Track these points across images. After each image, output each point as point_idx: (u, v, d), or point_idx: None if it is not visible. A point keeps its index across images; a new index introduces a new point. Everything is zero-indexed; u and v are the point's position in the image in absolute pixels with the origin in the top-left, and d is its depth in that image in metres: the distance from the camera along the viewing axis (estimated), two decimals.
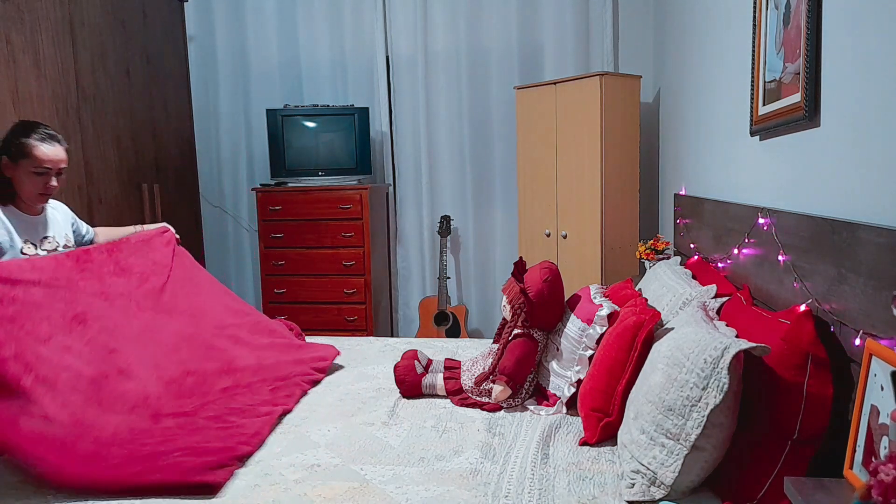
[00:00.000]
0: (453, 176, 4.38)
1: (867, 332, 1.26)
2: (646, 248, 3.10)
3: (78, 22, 2.88)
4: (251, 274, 4.61)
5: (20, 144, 2.09)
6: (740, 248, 2.08)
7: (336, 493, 1.56)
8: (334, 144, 4.12)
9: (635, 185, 3.65)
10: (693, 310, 1.85)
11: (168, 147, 3.62)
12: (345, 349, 2.87)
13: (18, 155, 2.09)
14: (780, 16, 1.86)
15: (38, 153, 2.10)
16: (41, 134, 2.13)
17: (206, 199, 4.42)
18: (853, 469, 1.17)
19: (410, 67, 4.31)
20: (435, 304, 4.24)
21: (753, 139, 2.13)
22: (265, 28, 4.40)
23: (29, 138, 2.10)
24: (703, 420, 1.42)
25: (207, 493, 1.57)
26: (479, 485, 1.59)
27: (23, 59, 2.56)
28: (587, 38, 4.13)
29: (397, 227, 4.49)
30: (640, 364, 1.80)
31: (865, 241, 1.29)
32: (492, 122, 4.29)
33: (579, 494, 1.53)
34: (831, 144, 1.56)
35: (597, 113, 3.46)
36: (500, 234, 4.40)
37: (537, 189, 3.87)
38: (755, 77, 2.06)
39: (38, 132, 2.13)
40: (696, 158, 2.94)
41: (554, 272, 2.24)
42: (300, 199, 4.02)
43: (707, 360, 1.45)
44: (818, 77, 1.61)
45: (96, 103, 3.00)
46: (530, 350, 2.17)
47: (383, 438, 1.89)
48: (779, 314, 1.60)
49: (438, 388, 2.24)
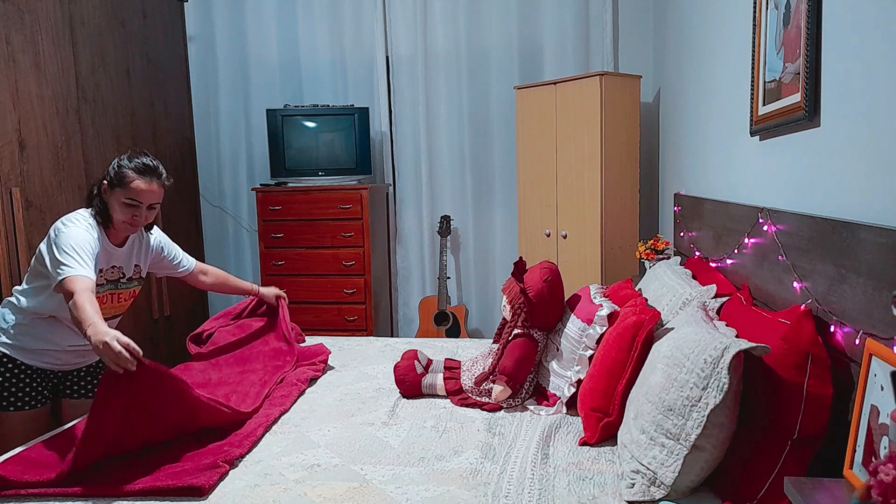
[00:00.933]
0: (453, 176, 4.38)
1: (867, 332, 1.26)
2: (646, 248, 3.10)
3: (78, 22, 2.87)
4: (251, 274, 4.61)
5: (119, 172, 2.05)
6: (740, 248, 2.08)
7: (336, 493, 1.56)
8: (334, 144, 4.12)
9: (635, 185, 3.65)
10: (693, 310, 1.85)
11: (168, 147, 3.62)
12: (345, 349, 2.87)
13: (115, 182, 2.05)
14: (780, 16, 1.86)
15: (132, 184, 2.04)
16: (141, 165, 2.07)
17: (206, 199, 4.42)
18: (853, 469, 1.17)
19: (410, 67, 4.31)
20: (435, 304, 4.24)
21: (753, 139, 2.13)
22: (265, 28, 4.40)
23: (128, 168, 2.06)
24: (703, 420, 1.42)
25: (197, 496, 1.57)
26: (479, 485, 1.59)
27: (23, 59, 2.56)
28: (587, 38, 4.13)
29: (397, 227, 4.49)
30: (640, 364, 1.80)
31: (865, 241, 1.29)
32: (492, 122, 4.29)
33: (579, 494, 1.53)
34: (831, 144, 1.56)
35: (597, 113, 3.46)
36: (500, 234, 4.40)
37: (537, 189, 3.87)
38: (755, 77, 2.06)
39: (138, 162, 2.07)
40: (697, 158, 2.94)
41: (554, 272, 2.24)
42: (300, 199, 4.02)
43: (707, 360, 1.45)
44: (818, 77, 1.61)
45: (96, 103, 3.00)
46: (530, 350, 2.17)
47: (383, 438, 1.89)
48: (779, 314, 1.60)
49: (438, 388, 2.24)
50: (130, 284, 2.24)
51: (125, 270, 2.21)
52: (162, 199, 2.16)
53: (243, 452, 1.79)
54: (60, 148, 2.76)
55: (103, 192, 2.09)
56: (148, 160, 2.10)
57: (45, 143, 2.68)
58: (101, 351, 1.64)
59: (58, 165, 2.74)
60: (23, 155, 2.56)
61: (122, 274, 2.19)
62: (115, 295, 2.19)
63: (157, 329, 3.41)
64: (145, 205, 2.08)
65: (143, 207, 2.07)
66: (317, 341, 2.84)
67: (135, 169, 2.06)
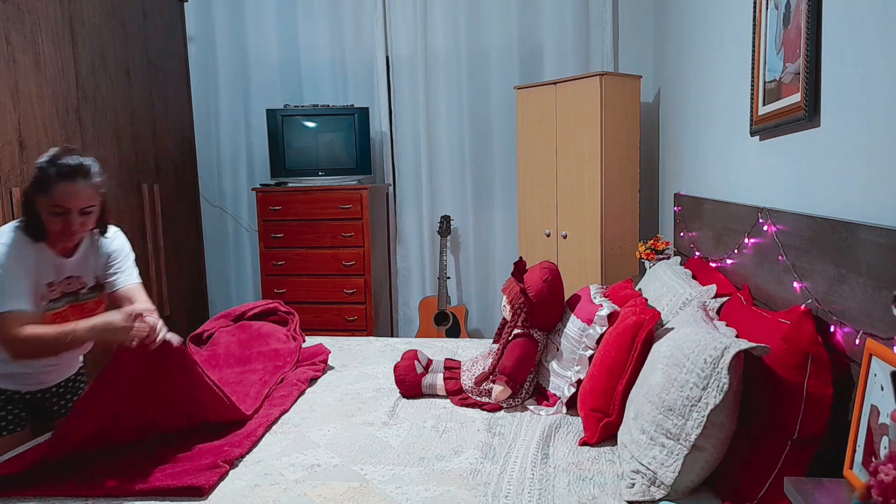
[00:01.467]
0: (453, 176, 4.38)
1: (867, 332, 1.26)
2: (646, 248, 3.10)
3: (78, 22, 2.87)
4: (251, 274, 4.61)
5: (39, 177, 1.76)
6: (740, 248, 2.08)
7: (336, 493, 1.56)
8: (334, 144, 4.12)
9: (635, 185, 3.65)
10: (693, 310, 1.84)
11: (168, 147, 3.62)
12: (345, 349, 2.87)
13: (37, 188, 1.76)
14: (780, 16, 1.86)
15: (54, 190, 1.74)
16: (64, 167, 1.76)
17: (206, 199, 4.42)
18: (853, 469, 1.17)
19: (410, 67, 4.31)
20: (435, 304, 4.24)
21: (753, 139, 2.13)
22: (265, 28, 4.40)
23: (48, 171, 1.75)
24: (703, 420, 1.42)
25: (197, 496, 1.57)
26: (479, 485, 1.59)
27: (23, 59, 2.56)
28: (587, 38, 4.12)
29: (397, 227, 4.49)
30: (640, 364, 1.80)
31: (865, 241, 1.29)
32: (492, 122, 4.29)
33: (579, 494, 1.53)
34: (831, 144, 1.56)
35: (597, 113, 3.46)
36: (500, 234, 4.40)
37: (537, 189, 3.87)
38: (755, 77, 2.06)
39: (61, 164, 1.76)
40: (696, 158, 2.94)
41: (554, 272, 2.24)
42: (300, 199, 4.02)
43: (707, 360, 1.45)
44: (818, 77, 1.61)
45: (96, 103, 3.00)
46: (530, 350, 2.17)
47: (383, 438, 1.89)
48: (779, 314, 1.60)
49: (438, 388, 2.24)
50: (94, 294, 2.01)
51: (85, 280, 1.96)
52: (97, 201, 1.84)
53: (243, 452, 1.80)
54: None
55: (31, 200, 1.79)
56: (72, 159, 1.79)
57: (45, 143, 2.68)
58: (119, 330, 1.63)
59: None
60: (23, 155, 2.56)
61: (81, 284, 1.95)
62: (79, 307, 1.95)
63: None
64: (75, 210, 1.77)
65: (73, 214, 1.77)
66: (317, 341, 2.84)
67: (57, 173, 1.75)
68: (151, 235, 3.39)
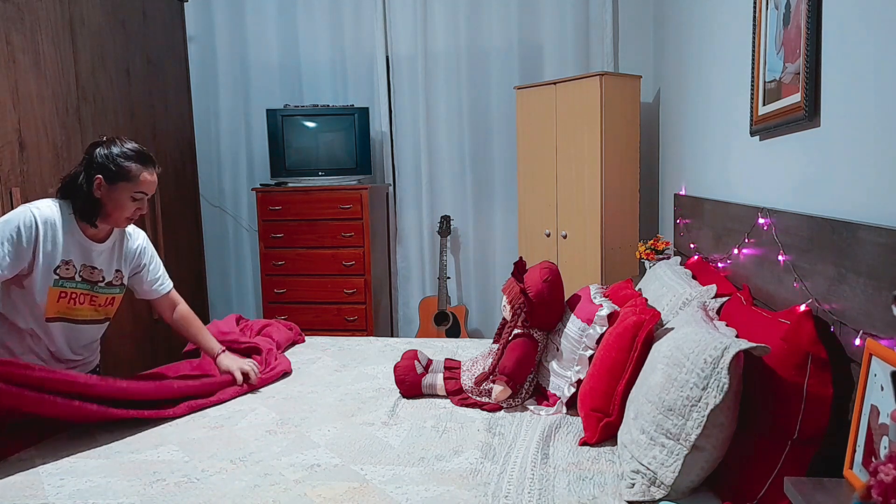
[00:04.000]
0: (453, 176, 4.38)
1: (867, 332, 1.26)
2: (646, 248, 3.10)
3: (78, 22, 2.87)
4: (251, 274, 4.61)
5: (120, 165, 1.94)
6: (740, 248, 2.08)
7: (336, 493, 1.56)
8: (334, 144, 4.13)
9: (635, 185, 3.65)
10: (693, 310, 1.84)
11: (168, 147, 3.62)
12: (345, 349, 2.87)
13: (119, 177, 1.94)
14: (780, 16, 1.86)
15: (140, 177, 1.96)
16: (145, 156, 1.99)
17: (206, 199, 4.42)
18: (853, 469, 1.17)
19: (410, 67, 4.31)
20: (435, 304, 4.24)
21: (753, 139, 2.13)
22: (265, 28, 4.40)
23: (127, 159, 1.96)
24: (703, 420, 1.42)
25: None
26: (479, 485, 1.59)
27: (23, 59, 2.56)
28: (587, 38, 4.13)
29: (397, 227, 4.49)
30: (640, 364, 1.80)
31: (865, 241, 1.28)
32: (492, 122, 4.29)
33: (579, 494, 1.53)
34: (831, 144, 1.56)
35: (597, 113, 3.46)
36: (500, 234, 4.40)
37: (537, 189, 3.87)
38: (755, 77, 2.06)
39: (134, 152, 1.98)
40: (696, 158, 2.94)
41: (554, 272, 2.24)
42: (300, 199, 4.02)
43: (707, 360, 1.45)
44: (818, 77, 1.61)
45: (96, 103, 3.00)
46: (530, 350, 2.17)
47: (383, 438, 1.89)
48: (779, 314, 1.60)
49: (438, 388, 2.24)
50: (110, 290, 2.11)
51: (105, 274, 2.07)
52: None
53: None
54: (60, 148, 2.76)
55: (97, 188, 1.95)
56: (141, 147, 2.01)
57: (45, 143, 2.68)
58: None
59: (58, 165, 2.74)
60: (23, 155, 2.56)
61: (101, 277, 2.06)
62: (90, 296, 2.06)
63: (156, 329, 3.41)
64: (149, 196, 2.01)
65: (146, 199, 2.01)
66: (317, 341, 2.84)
67: (137, 160, 1.97)
68: (151, 235, 3.38)
